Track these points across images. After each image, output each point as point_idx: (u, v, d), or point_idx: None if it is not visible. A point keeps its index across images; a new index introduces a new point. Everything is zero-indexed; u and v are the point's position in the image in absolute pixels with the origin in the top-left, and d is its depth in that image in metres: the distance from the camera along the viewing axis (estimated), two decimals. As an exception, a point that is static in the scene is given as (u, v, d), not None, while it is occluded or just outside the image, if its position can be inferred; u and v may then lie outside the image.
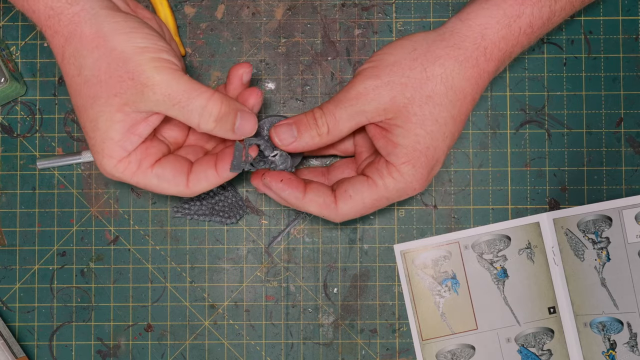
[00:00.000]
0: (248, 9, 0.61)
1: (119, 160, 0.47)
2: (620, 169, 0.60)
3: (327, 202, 0.50)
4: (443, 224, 0.60)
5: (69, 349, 0.60)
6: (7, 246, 0.60)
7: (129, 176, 0.48)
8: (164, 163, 0.49)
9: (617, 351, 0.59)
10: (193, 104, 0.45)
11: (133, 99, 0.45)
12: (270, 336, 0.60)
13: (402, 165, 0.48)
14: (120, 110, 0.45)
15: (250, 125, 0.48)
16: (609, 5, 0.61)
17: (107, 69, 0.45)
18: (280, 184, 0.50)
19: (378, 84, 0.47)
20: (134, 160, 0.48)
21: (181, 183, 0.49)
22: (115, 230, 0.60)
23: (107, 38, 0.45)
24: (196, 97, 0.45)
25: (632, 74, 0.60)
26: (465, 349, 0.59)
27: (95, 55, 0.45)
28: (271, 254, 0.60)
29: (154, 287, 0.60)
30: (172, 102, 0.45)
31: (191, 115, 0.46)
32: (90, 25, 0.45)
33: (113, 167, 0.47)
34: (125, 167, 0.47)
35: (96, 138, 0.47)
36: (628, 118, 0.60)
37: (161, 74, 0.44)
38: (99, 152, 0.47)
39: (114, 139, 0.46)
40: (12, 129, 0.61)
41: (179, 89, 0.45)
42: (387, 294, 0.60)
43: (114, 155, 0.47)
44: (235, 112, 0.47)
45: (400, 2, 0.61)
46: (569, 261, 0.59)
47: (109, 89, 0.45)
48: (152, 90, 0.44)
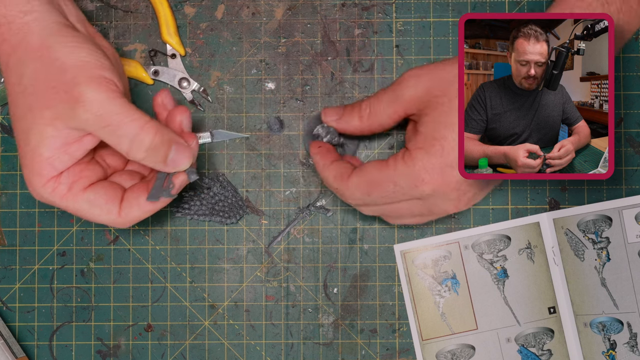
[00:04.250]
0: (248, 9, 0.61)
1: (47, 179, 0.45)
2: (620, 169, 0.60)
3: (342, 173, 0.51)
4: (443, 224, 0.60)
5: (69, 349, 0.60)
6: (7, 246, 0.60)
7: (58, 199, 0.46)
8: (97, 188, 0.47)
9: (617, 351, 0.59)
10: (124, 129, 0.43)
11: (64, 114, 0.43)
12: (270, 336, 0.60)
13: (415, 150, 0.48)
14: (51, 125, 0.43)
15: (185, 159, 0.47)
16: (609, 5, 0.61)
17: (44, 80, 0.43)
18: (317, 149, 0.54)
19: (420, 74, 0.49)
20: (65, 182, 0.46)
21: (113, 210, 0.47)
22: (115, 230, 0.60)
23: (51, 49, 0.44)
24: (129, 122, 0.43)
25: (632, 74, 0.60)
26: (465, 349, 0.59)
27: (37, 65, 0.44)
28: (271, 254, 0.60)
29: (154, 287, 0.60)
30: (103, 124, 0.43)
31: (121, 140, 0.44)
32: (38, 36, 0.44)
33: (41, 186, 0.45)
34: (54, 188, 0.46)
35: (26, 153, 0.45)
36: (628, 118, 0.60)
37: (96, 91, 0.43)
38: (28, 167, 0.45)
39: (43, 155, 0.44)
40: (12, 129, 0.61)
41: (112, 110, 0.43)
42: (387, 294, 0.60)
43: (43, 173, 0.45)
44: (169, 143, 0.46)
45: (400, 2, 0.61)
46: (569, 261, 0.59)
47: (44, 100, 0.43)
48: (83, 108, 0.43)
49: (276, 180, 0.60)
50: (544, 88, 0.50)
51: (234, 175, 0.60)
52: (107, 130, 0.44)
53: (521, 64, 0.49)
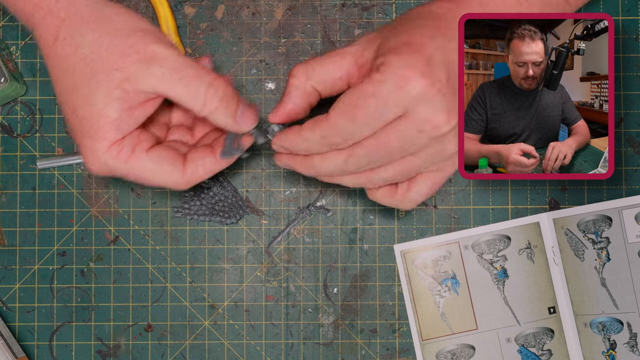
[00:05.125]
0: (248, 9, 0.61)
1: (112, 142, 0.45)
2: (620, 169, 0.60)
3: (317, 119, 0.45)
4: (443, 224, 0.60)
5: (69, 349, 0.60)
6: (7, 246, 0.60)
7: (123, 161, 0.46)
8: (159, 150, 0.47)
9: (617, 351, 0.59)
10: (200, 79, 0.44)
11: (136, 74, 0.44)
12: (270, 336, 0.60)
13: (384, 56, 0.43)
14: (120, 87, 0.44)
15: (251, 117, 0.47)
16: (609, 5, 0.60)
17: (108, 45, 0.44)
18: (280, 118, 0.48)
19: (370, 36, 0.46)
20: (128, 145, 0.46)
21: (177, 170, 0.47)
22: (115, 230, 0.60)
23: (109, 19, 0.45)
24: (203, 73, 0.45)
25: (632, 74, 0.60)
26: (465, 349, 0.59)
27: (97, 33, 0.44)
28: (271, 254, 0.60)
29: (154, 287, 0.60)
30: (179, 76, 0.44)
31: (197, 91, 0.44)
32: (90, 9, 0.45)
33: (105, 150, 0.45)
34: (119, 151, 0.45)
35: (91, 118, 0.45)
36: (628, 118, 0.60)
37: (167, 49, 0.44)
38: (90, 133, 0.45)
39: (110, 117, 0.44)
40: (12, 129, 0.61)
41: (185, 63, 0.44)
42: (387, 294, 0.60)
43: (108, 136, 0.45)
44: (238, 98, 0.46)
45: (400, 2, 0.61)
46: (569, 261, 0.59)
47: (110, 64, 0.44)
48: (159, 64, 0.44)
49: (276, 180, 0.60)
50: (543, 88, 0.50)
51: (234, 175, 0.60)
52: (183, 82, 0.44)
53: (519, 65, 0.49)
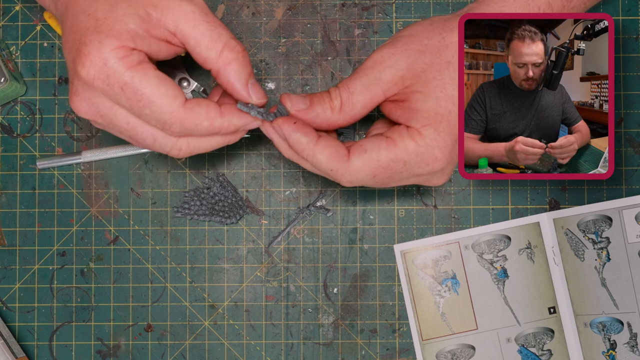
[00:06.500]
0: (248, 9, 0.61)
1: (122, 45, 0.42)
2: (620, 169, 0.60)
3: (339, 152, 0.45)
4: (443, 224, 0.60)
5: (69, 349, 0.60)
6: (7, 246, 0.60)
7: (126, 66, 0.42)
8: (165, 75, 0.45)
9: (617, 351, 0.59)
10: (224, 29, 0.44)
11: (166, 3, 0.43)
12: (270, 336, 0.60)
13: (423, 128, 0.45)
14: (145, 9, 0.42)
15: (263, 92, 0.46)
16: (608, 5, 0.60)
17: None
18: (293, 125, 0.45)
19: (394, 52, 0.46)
20: (136, 55, 0.43)
21: (179, 97, 0.43)
22: (115, 230, 0.60)
23: None
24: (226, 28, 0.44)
25: (632, 74, 0.60)
26: (465, 349, 0.59)
27: None
28: (271, 254, 0.60)
29: (154, 287, 0.60)
30: (206, 18, 0.43)
31: (218, 37, 0.44)
32: None
33: (112, 49, 0.41)
34: (126, 55, 0.42)
35: (107, 19, 0.42)
36: (628, 118, 0.60)
37: None
38: (102, 29, 0.42)
39: (128, 25, 0.42)
40: (12, 129, 0.61)
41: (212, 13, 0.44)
42: (387, 294, 0.60)
43: (121, 38, 0.42)
44: (252, 69, 0.46)
45: (400, 2, 0.61)
46: (569, 261, 0.59)
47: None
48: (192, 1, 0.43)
49: (276, 180, 0.60)
50: (543, 88, 0.50)
51: (234, 175, 0.60)
52: (209, 25, 0.44)
53: (518, 66, 0.49)
